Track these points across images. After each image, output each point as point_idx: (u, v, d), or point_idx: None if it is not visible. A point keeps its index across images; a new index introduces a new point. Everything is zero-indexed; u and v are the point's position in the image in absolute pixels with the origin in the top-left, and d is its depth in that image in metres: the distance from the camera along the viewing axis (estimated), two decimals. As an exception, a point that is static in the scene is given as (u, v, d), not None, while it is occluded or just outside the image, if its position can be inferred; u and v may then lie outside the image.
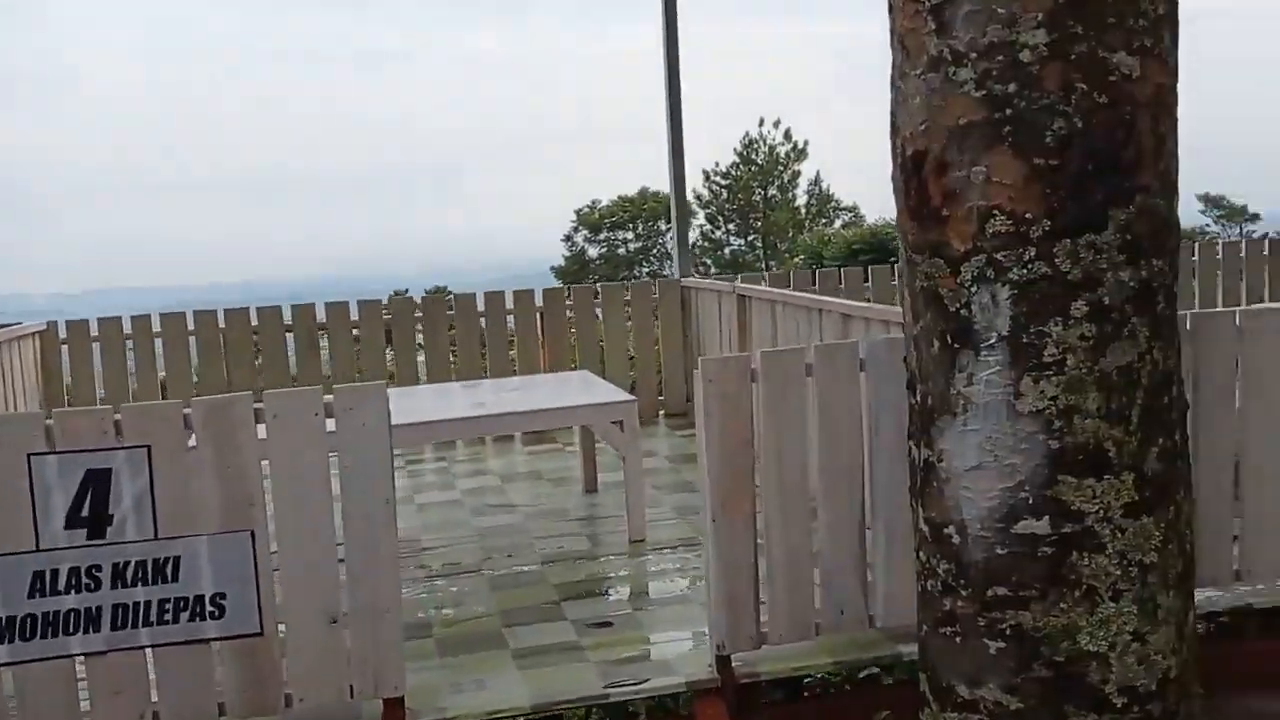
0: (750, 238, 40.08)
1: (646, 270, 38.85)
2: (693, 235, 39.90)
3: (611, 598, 4.07)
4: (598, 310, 7.24)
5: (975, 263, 2.71)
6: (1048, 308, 2.66)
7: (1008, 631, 2.74)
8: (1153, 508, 2.74)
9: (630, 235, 40.74)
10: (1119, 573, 2.70)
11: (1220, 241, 10.71)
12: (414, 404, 5.09)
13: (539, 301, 7.05)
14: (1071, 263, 2.64)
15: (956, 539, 2.81)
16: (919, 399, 2.93)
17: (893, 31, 2.90)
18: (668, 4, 7.00)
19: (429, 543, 4.83)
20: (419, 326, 7.10)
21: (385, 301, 7.18)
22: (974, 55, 2.66)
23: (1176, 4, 2.72)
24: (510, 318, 7.06)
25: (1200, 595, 3.36)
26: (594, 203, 41.12)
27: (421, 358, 7.13)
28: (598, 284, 7.64)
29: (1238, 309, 4.05)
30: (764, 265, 36.48)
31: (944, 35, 2.71)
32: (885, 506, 3.32)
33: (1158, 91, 2.69)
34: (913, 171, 2.85)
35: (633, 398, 4.81)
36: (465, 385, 5.97)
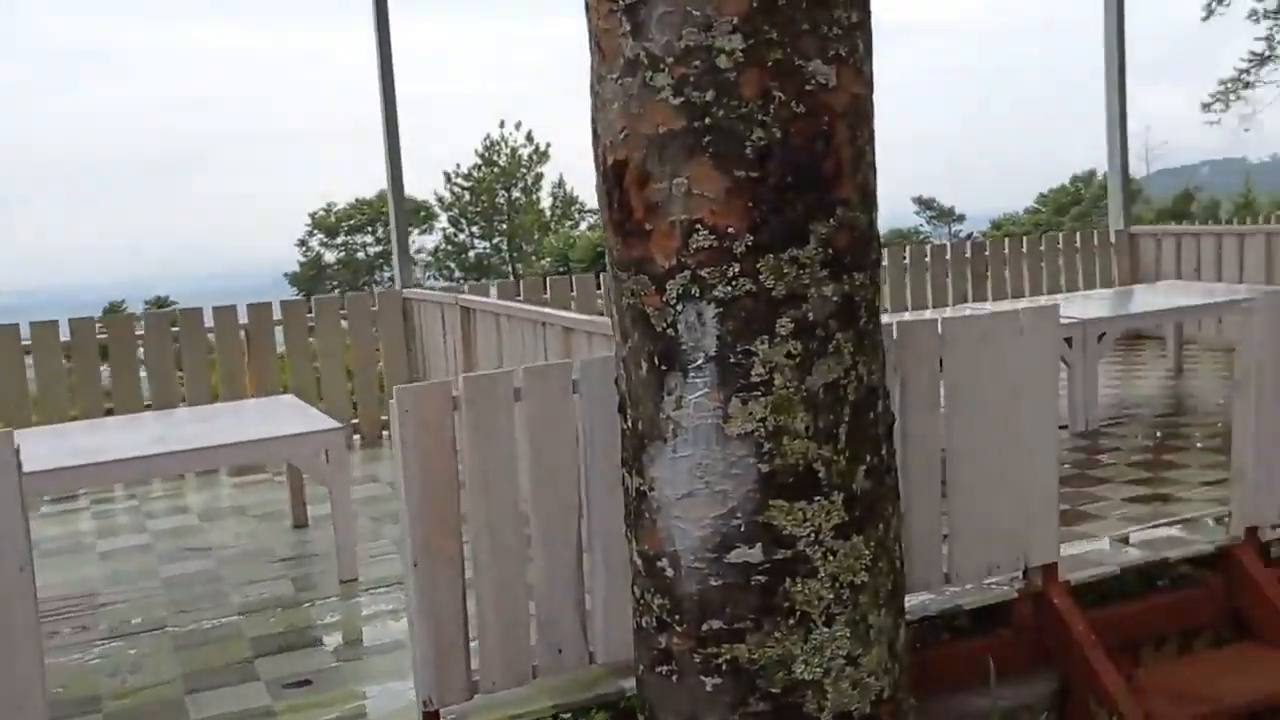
0: (495, 240, 39.67)
1: (389, 275, 37.65)
2: (435, 239, 39.09)
3: (315, 650, 3.68)
4: (312, 325, 6.70)
5: (680, 280, 2.57)
6: (753, 326, 2.55)
7: (724, 666, 2.61)
8: (863, 526, 2.68)
9: (370, 239, 39.39)
10: (831, 596, 2.63)
11: (929, 244, 11.39)
12: (92, 441, 4.49)
13: (243, 318, 6.44)
14: (775, 279, 2.54)
15: (670, 572, 2.66)
16: (630, 424, 2.77)
17: (590, 32, 2.71)
18: (378, 3, 6.61)
19: (109, 597, 4.26)
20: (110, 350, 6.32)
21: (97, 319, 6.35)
22: (671, 60, 2.51)
23: (870, 13, 2.68)
24: (211, 336, 6.40)
25: (913, 600, 3.39)
26: (330, 205, 39.48)
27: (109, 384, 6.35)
28: (311, 298, 7.09)
29: (940, 315, 4.16)
30: (510, 268, 36.17)
31: (640, 37, 2.55)
32: (602, 537, 3.14)
33: (855, 101, 2.63)
34: (614, 182, 2.68)
35: (338, 425, 4.41)
36: (158, 415, 5.37)
